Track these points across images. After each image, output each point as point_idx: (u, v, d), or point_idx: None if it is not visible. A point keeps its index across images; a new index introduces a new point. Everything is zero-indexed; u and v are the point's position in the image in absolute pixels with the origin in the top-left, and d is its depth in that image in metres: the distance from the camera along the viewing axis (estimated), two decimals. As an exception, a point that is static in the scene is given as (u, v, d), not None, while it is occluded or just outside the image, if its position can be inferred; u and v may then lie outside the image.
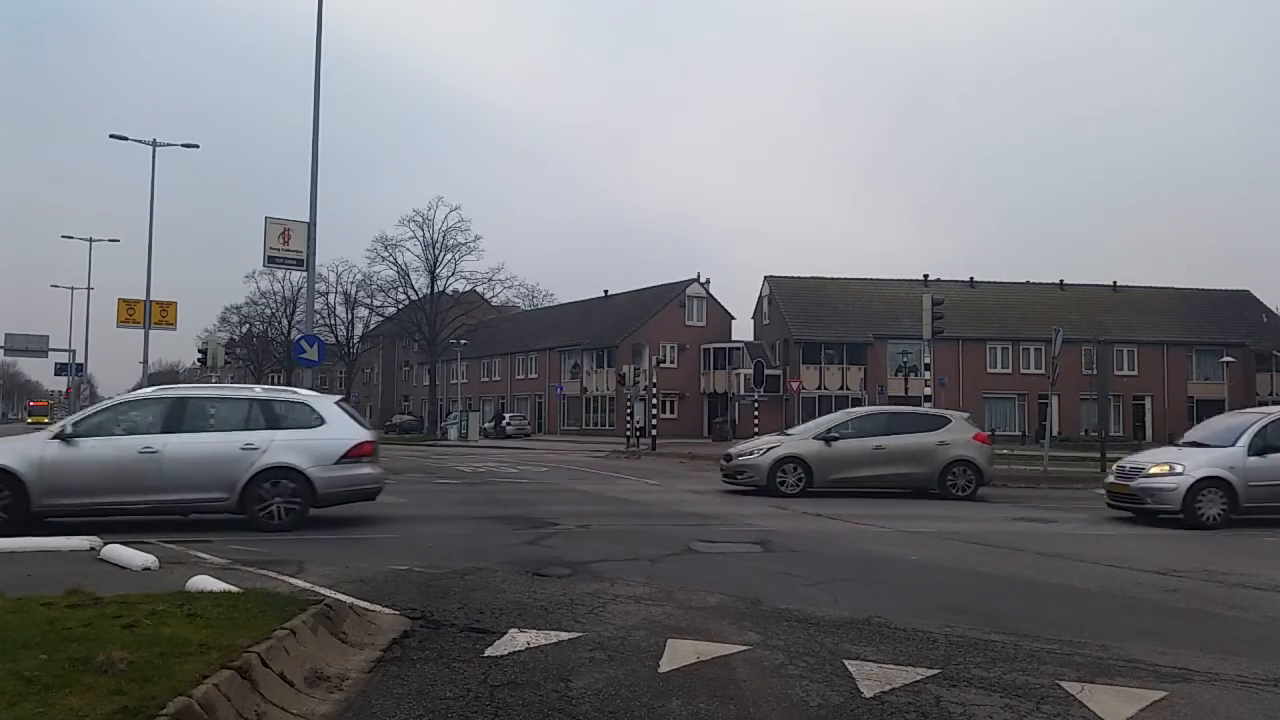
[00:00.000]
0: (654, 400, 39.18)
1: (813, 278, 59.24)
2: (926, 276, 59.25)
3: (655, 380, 39.16)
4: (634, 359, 53.43)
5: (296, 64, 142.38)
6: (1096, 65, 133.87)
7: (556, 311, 71.88)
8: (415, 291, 58.71)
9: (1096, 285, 61.28)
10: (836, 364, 55.48)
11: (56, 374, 74.37)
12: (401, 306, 61.13)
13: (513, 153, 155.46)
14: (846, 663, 5.03)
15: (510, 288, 60.27)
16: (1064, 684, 4.74)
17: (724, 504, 14.59)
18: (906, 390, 44.19)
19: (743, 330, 63.09)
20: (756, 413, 37.79)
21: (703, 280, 62.13)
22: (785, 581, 7.79)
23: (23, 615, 4.92)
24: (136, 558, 7.56)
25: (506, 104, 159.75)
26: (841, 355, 55.74)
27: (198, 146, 34.93)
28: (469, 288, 60.07)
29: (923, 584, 8.18)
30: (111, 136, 33.38)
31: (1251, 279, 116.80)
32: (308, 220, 25.03)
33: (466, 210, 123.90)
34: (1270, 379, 57.02)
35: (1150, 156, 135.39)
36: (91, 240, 48.13)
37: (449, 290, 58.75)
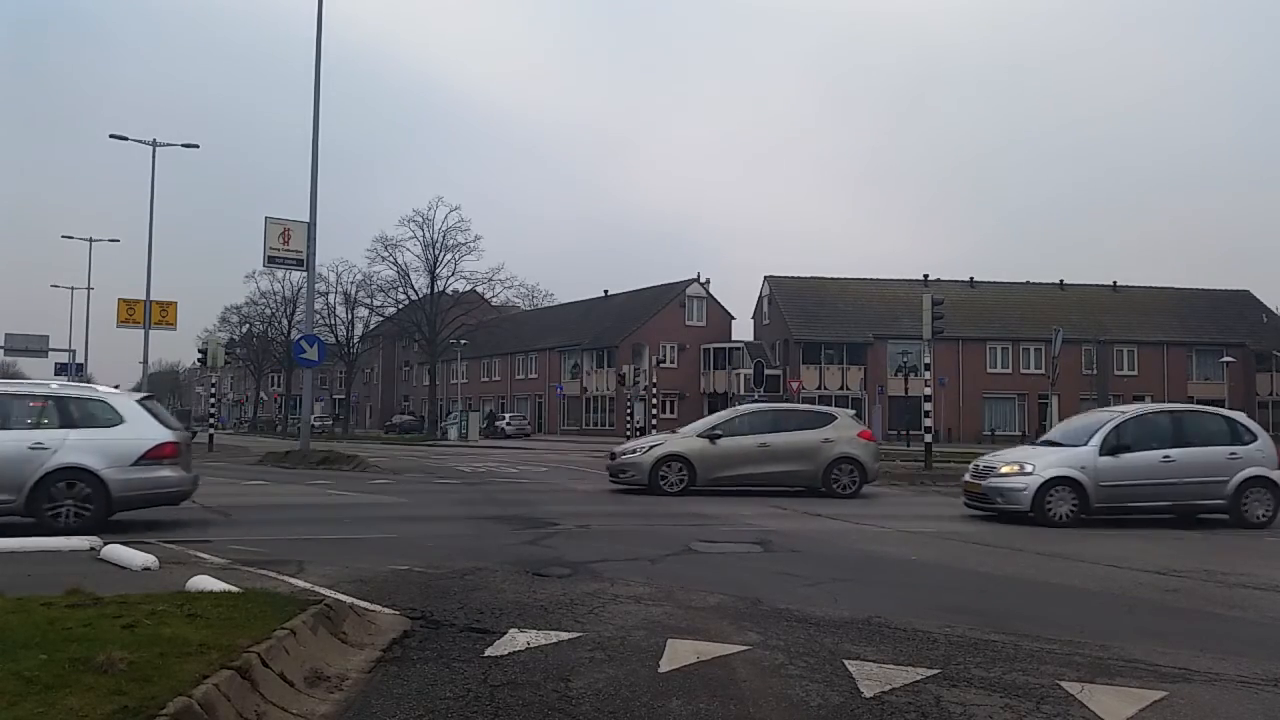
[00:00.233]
0: (654, 400, 39.21)
1: (813, 278, 59.28)
2: (926, 276, 59.28)
3: (655, 380, 39.20)
4: (634, 359, 53.51)
5: (296, 64, 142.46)
6: (1096, 65, 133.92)
7: (556, 311, 71.92)
8: (415, 291, 58.74)
9: (1096, 285, 61.33)
10: (836, 364, 55.52)
11: (56, 374, 74.39)
12: (401, 306, 61.15)
13: (513, 153, 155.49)
14: (846, 663, 5.03)
15: (510, 288, 60.32)
16: (1064, 684, 4.74)
17: (724, 504, 14.59)
18: (906, 390, 44.26)
19: (743, 330, 63.20)
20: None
21: (703, 280, 62.18)
22: (785, 581, 7.79)
23: (23, 615, 4.92)
24: (136, 558, 7.56)
25: (506, 104, 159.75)
26: (841, 355, 55.78)
27: (198, 146, 35.00)
28: (469, 288, 60.10)
29: (923, 584, 8.19)
30: (111, 136, 33.44)
31: (1251, 279, 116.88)
32: (308, 220, 25.09)
33: (466, 210, 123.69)
34: (1270, 379, 57.07)
35: (1150, 156, 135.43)
36: (91, 240, 48.24)
37: (449, 290, 58.77)
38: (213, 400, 41.10)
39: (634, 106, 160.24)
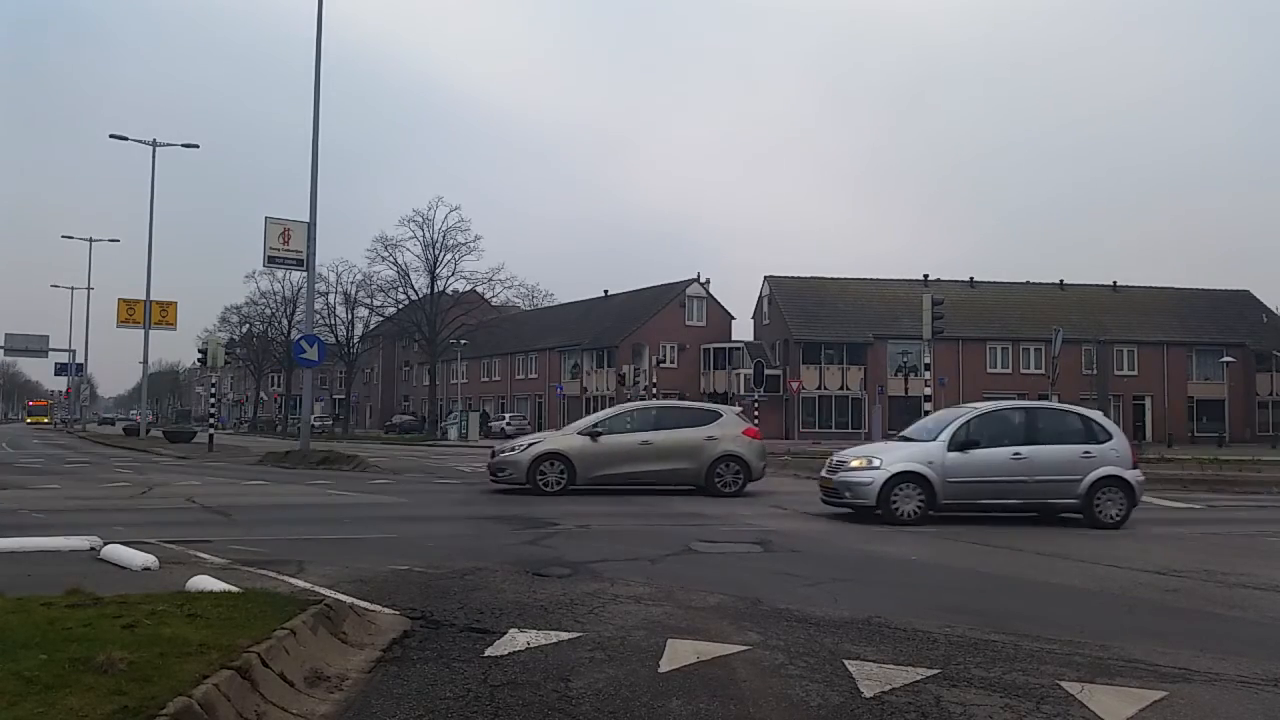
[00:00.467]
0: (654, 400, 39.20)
1: (813, 278, 59.26)
2: (926, 276, 59.26)
3: (655, 380, 39.21)
4: (634, 359, 53.52)
5: (296, 64, 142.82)
6: (1097, 65, 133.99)
7: (556, 311, 71.89)
8: (415, 291, 58.78)
9: (1096, 285, 61.30)
10: (836, 364, 55.50)
11: (56, 374, 74.65)
12: (401, 306, 61.17)
13: (513, 153, 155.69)
14: (846, 663, 5.03)
15: (510, 288, 60.39)
16: (1064, 684, 4.73)
17: (723, 504, 14.59)
18: (906, 390, 44.25)
19: (743, 330, 63.17)
20: (757, 413, 37.78)
21: (703, 280, 62.15)
22: (785, 581, 7.79)
23: (23, 615, 4.92)
24: (136, 558, 7.56)
25: (506, 104, 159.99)
26: (841, 355, 55.76)
27: (198, 146, 35.12)
28: (469, 288, 60.15)
29: (923, 584, 8.19)
30: (111, 136, 33.51)
31: (1251, 279, 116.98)
32: (308, 220, 25.10)
33: (466, 210, 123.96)
34: (1270, 379, 57.06)
35: (1150, 156, 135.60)
36: (91, 240, 48.32)
37: (449, 290, 58.81)
38: (213, 400, 41.11)
39: (634, 106, 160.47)
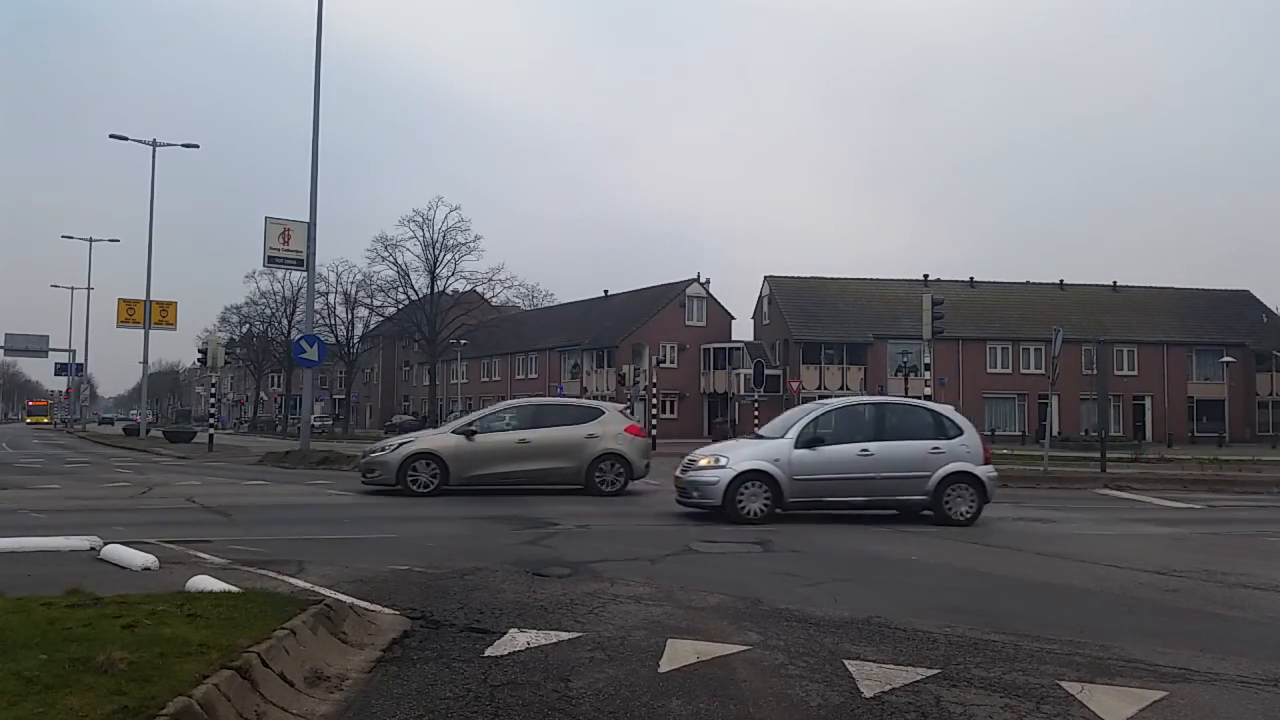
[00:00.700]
0: (654, 400, 39.16)
1: (813, 278, 59.25)
2: (926, 276, 59.26)
3: (655, 380, 39.17)
4: (634, 359, 53.53)
5: (296, 64, 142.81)
6: (1097, 65, 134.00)
7: (556, 311, 71.88)
8: (415, 291, 58.80)
9: (1096, 285, 61.29)
10: (836, 364, 55.49)
11: (56, 374, 74.65)
12: (401, 306, 61.18)
13: (513, 152, 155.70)
14: (846, 663, 5.03)
15: (510, 288, 60.41)
16: (1064, 684, 4.74)
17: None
18: (907, 390, 44.18)
19: (743, 330, 63.19)
20: (756, 413, 37.77)
21: (703, 280, 62.15)
22: (785, 581, 7.79)
23: (23, 615, 4.92)
24: (136, 558, 7.56)
25: (506, 104, 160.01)
26: (841, 355, 55.75)
27: (198, 146, 35.13)
28: (469, 288, 60.16)
29: (923, 584, 8.19)
30: (111, 136, 33.52)
31: (1251, 279, 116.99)
32: (308, 220, 25.10)
33: (466, 210, 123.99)
34: (1270, 379, 57.06)
35: (1150, 156, 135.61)
36: (91, 240, 48.32)
37: (449, 290, 58.84)
38: (213, 400, 41.09)
39: (634, 106, 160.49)
